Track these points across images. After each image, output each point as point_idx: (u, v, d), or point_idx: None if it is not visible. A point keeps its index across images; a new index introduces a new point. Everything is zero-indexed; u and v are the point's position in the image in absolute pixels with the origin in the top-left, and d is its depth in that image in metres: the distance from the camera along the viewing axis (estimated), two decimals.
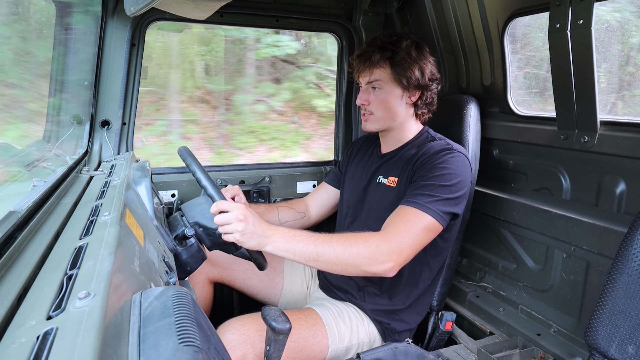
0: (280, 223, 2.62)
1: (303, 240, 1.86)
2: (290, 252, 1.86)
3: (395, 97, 2.24)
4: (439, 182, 2.00)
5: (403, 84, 2.20)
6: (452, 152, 2.11)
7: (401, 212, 1.99)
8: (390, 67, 2.21)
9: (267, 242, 1.84)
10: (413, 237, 1.93)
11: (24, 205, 1.32)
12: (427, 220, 1.95)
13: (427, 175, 2.05)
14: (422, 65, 2.22)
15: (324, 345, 2.11)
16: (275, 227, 1.89)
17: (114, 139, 2.75)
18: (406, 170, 2.20)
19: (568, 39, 2.11)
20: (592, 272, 2.22)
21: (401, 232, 1.92)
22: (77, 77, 2.64)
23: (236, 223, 1.77)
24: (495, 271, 2.82)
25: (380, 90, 2.25)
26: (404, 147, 2.32)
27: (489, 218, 2.80)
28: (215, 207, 1.81)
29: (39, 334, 0.74)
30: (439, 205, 1.97)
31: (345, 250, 1.85)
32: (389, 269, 1.89)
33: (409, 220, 1.95)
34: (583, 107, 2.19)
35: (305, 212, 2.73)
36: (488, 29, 2.62)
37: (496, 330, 2.61)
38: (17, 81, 2.57)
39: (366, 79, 2.27)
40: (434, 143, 2.22)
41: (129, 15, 1.64)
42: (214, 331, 1.04)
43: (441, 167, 2.04)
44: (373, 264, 1.87)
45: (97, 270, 0.95)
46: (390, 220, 2.00)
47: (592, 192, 2.27)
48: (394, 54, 2.19)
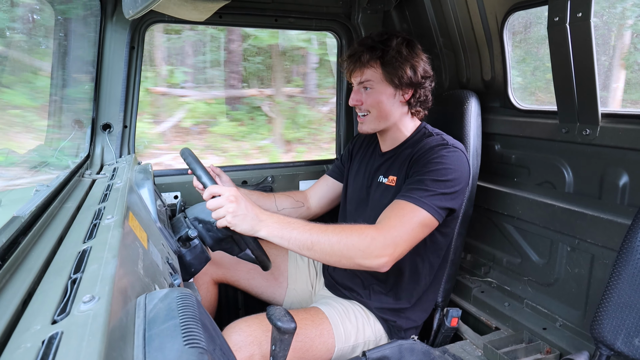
0: (278, 210, 2.60)
1: (298, 227, 1.84)
2: (284, 239, 1.83)
3: (387, 96, 2.22)
4: (434, 177, 1.99)
5: (395, 83, 2.18)
6: (447, 147, 2.09)
7: (396, 206, 1.98)
8: (381, 67, 2.19)
9: (260, 226, 1.82)
10: (408, 232, 1.91)
11: (27, 210, 1.32)
12: (422, 215, 1.94)
13: (422, 170, 2.04)
14: (413, 63, 2.19)
15: (330, 345, 2.11)
16: (269, 212, 1.88)
17: (115, 142, 2.75)
18: (403, 168, 2.19)
19: (567, 32, 2.10)
20: (596, 265, 2.22)
21: (396, 226, 1.90)
22: (78, 80, 2.65)
23: (227, 204, 1.77)
24: (499, 266, 2.81)
25: (372, 90, 2.23)
26: (402, 145, 2.31)
27: (492, 213, 2.80)
28: (208, 191, 1.81)
29: (44, 339, 0.74)
30: (434, 200, 1.96)
31: (340, 242, 1.83)
32: (382, 263, 1.86)
33: (404, 214, 1.93)
34: (584, 100, 2.18)
35: (304, 203, 2.71)
36: (487, 23, 2.62)
37: (502, 326, 2.61)
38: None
39: (357, 79, 2.26)
40: (430, 139, 2.21)
41: (127, 18, 1.64)
42: (219, 332, 1.04)
43: (436, 162, 2.03)
44: (367, 257, 1.84)
45: (101, 273, 0.95)
46: (385, 214, 1.98)
47: (595, 185, 2.26)
48: (384, 53, 2.17)
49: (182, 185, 2.96)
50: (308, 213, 2.73)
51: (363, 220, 2.34)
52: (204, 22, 1.95)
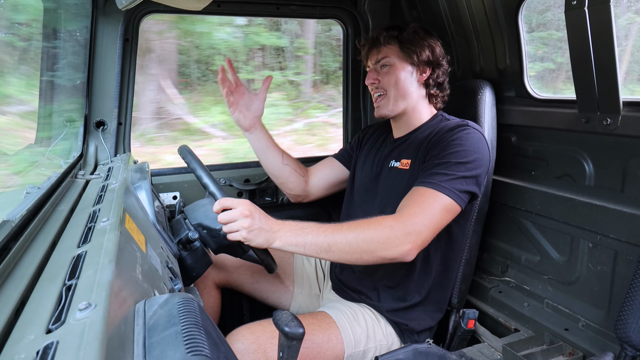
0: (282, 164, 2.60)
1: (312, 231, 1.84)
2: (300, 246, 1.83)
3: (406, 73, 2.26)
4: (454, 160, 1.99)
5: (413, 60, 2.24)
6: (467, 129, 2.10)
7: (416, 193, 1.98)
8: (398, 44, 2.26)
9: (274, 237, 1.82)
10: (430, 218, 1.91)
11: (18, 214, 1.32)
12: (444, 200, 1.93)
13: (442, 153, 2.04)
14: (430, 43, 2.27)
15: (339, 351, 2.10)
16: (281, 221, 1.87)
17: (110, 140, 2.75)
18: (419, 150, 2.19)
19: (586, 17, 2.08)
20: (620, 262, 2.20)
21: (417, 213, 1.89)
22: (69, 76, 2.65)
23: (242, 220, 1.76)
24: (517, 264, 2.80)
25: (389, 68, 2.27)
26: (417, 130, 2.32)
27: (509, 209, 2.78)
28: (219, 204, 1.80)
29: (38, 349, 0.74)
30: (455, 184, 1.95)
31: (358, 237, 1.83)
32: (406, 251, 1.86)
33: (425, 200, 1.93)
34: (604, 88, 2.16)
35: (304, 175, 2.70)
36: (501, 9, 2.60)
37: (521, 327, 2.59)
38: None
39: (374, 58, 2.31)
40: (448, 122, 2.23)
41: (120, 9, 1.63)
42: (223, 339, 1.04)
43: (456, 144, 2.03)
44: (389, 247, 1.84)
45: (98, 279, 0.94)
46: (405, 202, 1.98)
47: (617, 177, 2.25)
48: (401, 32, 2.26)
49: (181, 185, 2.95)
50: (304, 188, 2.71)
51: (372, 209, 2.34)
52: (201, 11, 1.94)
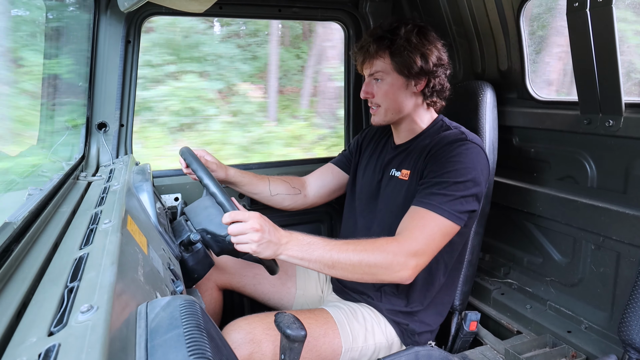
0: (271, 195, 2.59)
1: (319, 248, 1.86)
2: (305, 260, 1.86)
3: (398, 87, 2.21)
4: (452, 180, 1.98)
5: (405, 73, 2.18)
6: (465, 144, 2.08)
7: (416, 215, 1.98)
8: (390, 57, 2.19)
9: (282, 250, 1.83)
10: (429, 243, 1.93)
11: (20, 216, 1.32)
12: (444, 224, 1.94)
13: (440, 171, 2.03)
14: (424, 51, 2.17)
15: (336, 345, 2.10)
16: (289, 233, 1.88)
17: (111, 142, 2.75)
18: (419, 162, 2.18)
19: (588, 18, 2.08)
20: (623, 264, 2.20)
21: (417, 238, 1.92)
22: (71, 77, 2.65)
23: (252, 233, 1.77)
24: (520, 266, 2.80)
25: (382, 82, 2.23)
26: (417, 138, 2.30)
27: (511, 210, 2.78)
28: (229, 217, 1.80)
29: (40, 352, 0.74)
30: (455, 205, 1.96)
31: (362, 261, 1.85)
32: (406, 277, 1.90)
33: (425, 224, 1.94)
34: (606, 90, 2.16)
35: (301, 190, 2.68)
36: (503, 10, 2.60)
37: (524, 329, 2.59)
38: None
39: (368, 71, 2.27)
40: (448, 133, 2.20)
41: (122, 11, 1.63)
42: (226, 342, 1.04)
43: (454, 161, 2.02)
44: (390, 273, 1.88)
45: (100, 281, 0.94)
46: (405, 224, 1.99)
47: (619, 179, 2.24)
48: (392, 42, 2.17)
49: (183, 187, 2.95)
50: (304, 201, 2.71)
51: (373, 215, 2.34)
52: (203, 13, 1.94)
